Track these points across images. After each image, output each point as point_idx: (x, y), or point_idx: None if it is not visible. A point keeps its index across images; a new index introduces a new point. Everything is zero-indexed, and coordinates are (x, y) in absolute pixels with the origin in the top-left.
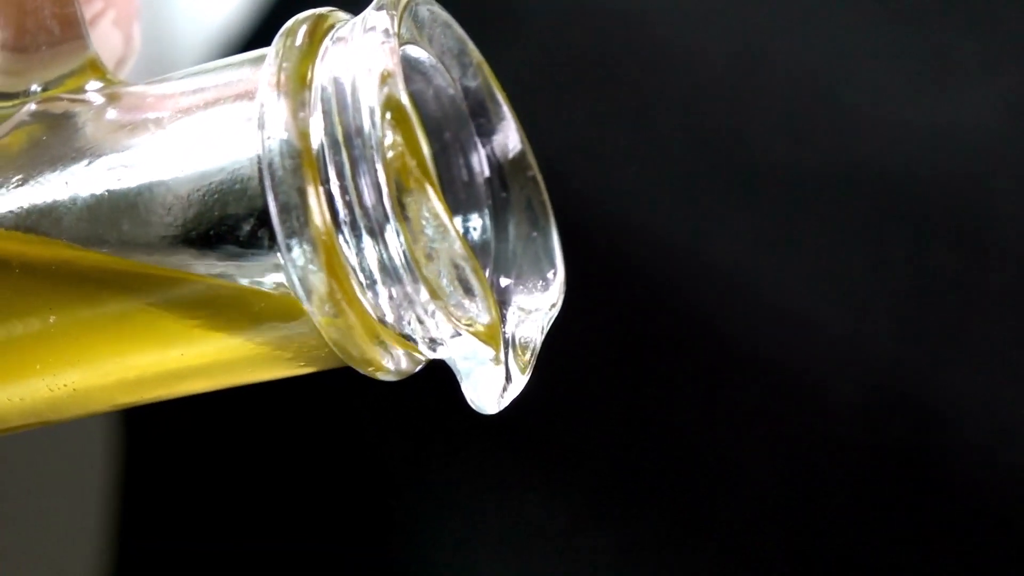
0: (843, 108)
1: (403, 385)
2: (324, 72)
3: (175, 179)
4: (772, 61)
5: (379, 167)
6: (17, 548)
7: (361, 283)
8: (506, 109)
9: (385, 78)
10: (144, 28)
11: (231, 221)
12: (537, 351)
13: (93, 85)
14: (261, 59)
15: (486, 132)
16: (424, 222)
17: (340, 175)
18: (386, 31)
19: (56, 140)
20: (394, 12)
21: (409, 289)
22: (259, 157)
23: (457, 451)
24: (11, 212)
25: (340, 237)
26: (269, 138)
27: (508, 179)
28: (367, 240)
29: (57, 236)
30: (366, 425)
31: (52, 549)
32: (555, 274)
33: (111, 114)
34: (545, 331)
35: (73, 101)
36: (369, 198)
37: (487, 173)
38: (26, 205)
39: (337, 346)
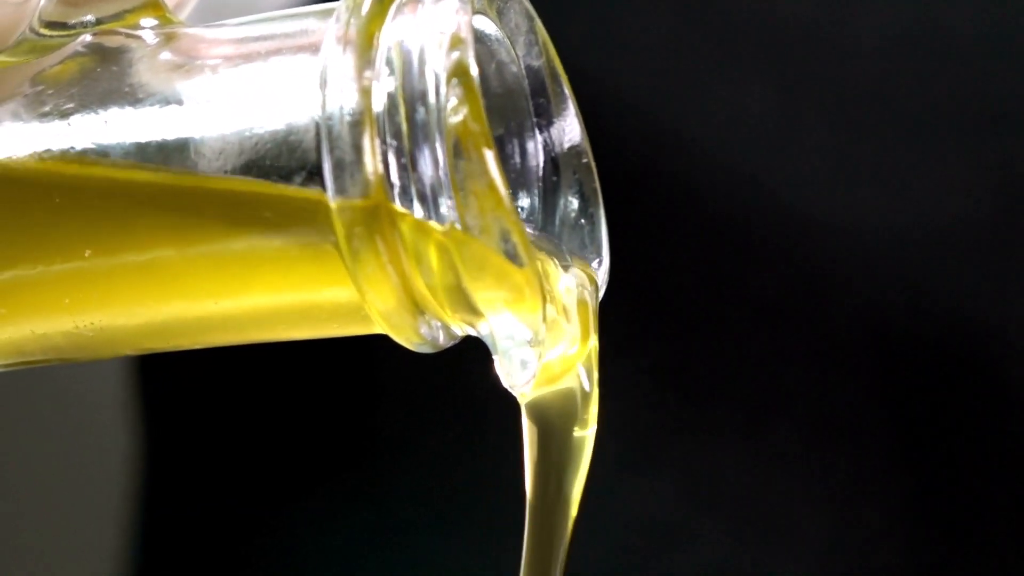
0: None
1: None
2: (393, 33)
3: (228, 124)
4: None
5: (439, 133)
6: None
7: (408, 248)
8: (567, 92)
9: (455, 43)
10: None
11: (283, 172)
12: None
13: (150, 22)
14: (328, 13)
15: (544, 113)
16: (478, 196)
17: (398, 137)
18: None
19: (108, 74)
20: None
21: None
22: (319, 111)
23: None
24: (57, 141)
25: (392, 197)
26: (330, 93)
27: (561, 163)
28: (417, 205)
29: (101, 170)
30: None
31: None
32: (600, 263)
33: (167, 53)
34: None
35: (129, 36)
36: (426, 163)
37: (541, 155)
38: (73, 135)
39: (375, 309)
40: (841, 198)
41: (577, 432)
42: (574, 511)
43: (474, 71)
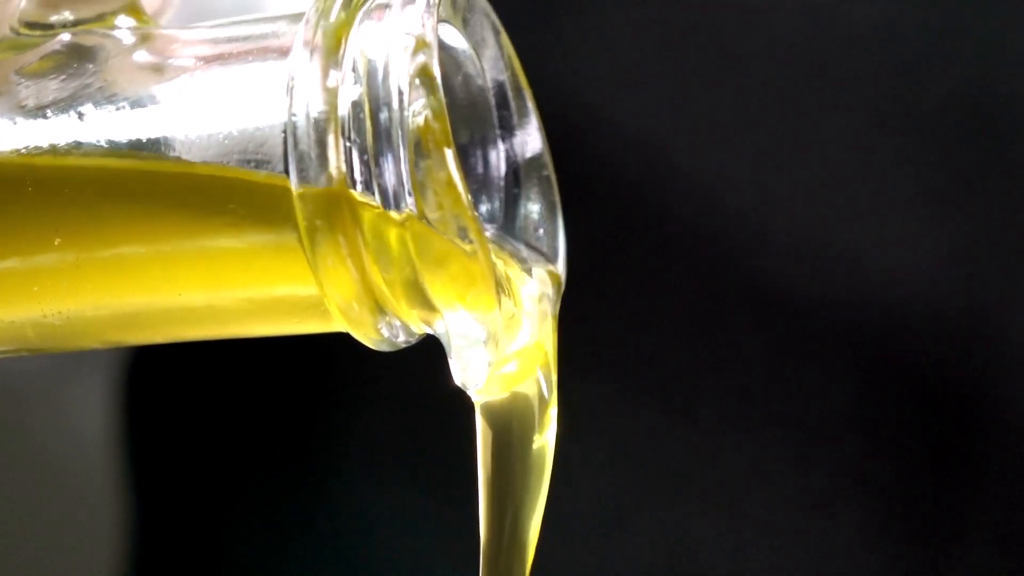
0: None
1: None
2: (360, 37)
3: (199, 121)
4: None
5: (402, 133)
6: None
7: (367, 243)
8: (531, 106)
9: (420, 47)
10: None
11: (250, 165)
12: None
13: (128, 23)
14: (298, 17)
15: (508, 126)
16: (438, 192)
17: (361, 136)
18: (428, 3)
19: (84, 71)
20: None
21: None
22: (286, 111)
23: None
24: (32, 134)
25: (354, 194)
26: (297, 95)
27: (523, 174)
28: (378, 200)
29: (74, 161)
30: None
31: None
32: (557, 271)
33: (143, 52)
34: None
35: (106, 36)
36: (388, 161)
37: (503, 166)
38: (48, 129)
39: (334, 303)
40: (818, 207)
41: (536, 441)
42: (532, 543)
43: (437, 73)
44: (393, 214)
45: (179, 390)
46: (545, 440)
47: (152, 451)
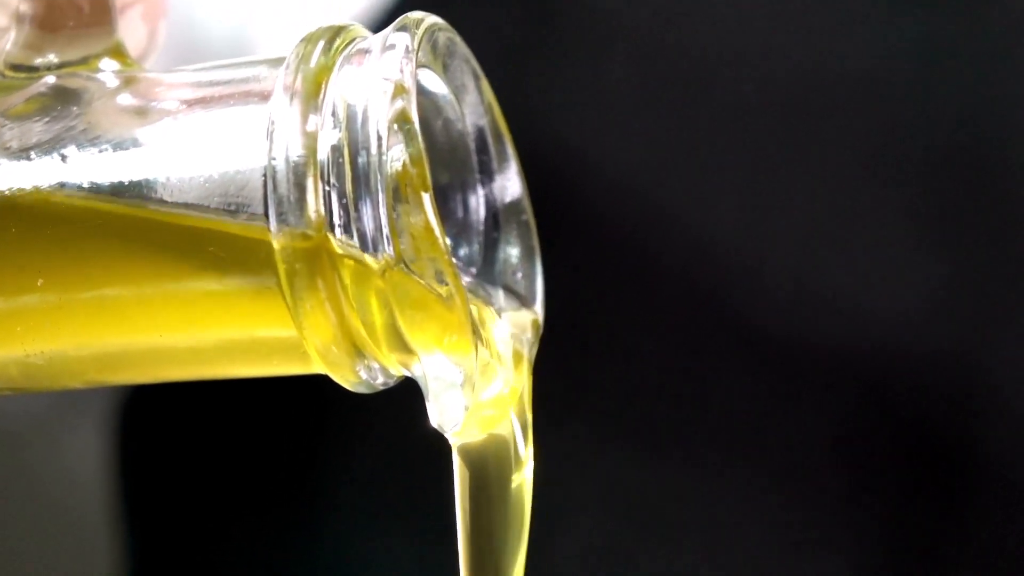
0: None
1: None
2: (340, 82)
3: (181, 164)
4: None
5: (380, 177)
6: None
7: (346, 287)
8: (510, 151)
9: (399, 92)
10: (171, 30)
11: (230, 209)
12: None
13: (112, 66)
14: (279, 62)
15: (487, 171)
16: (415, 236)
17: (340, 180)
18: (407, 48)
19: (67, 113)
20: (416, 31)
21: None
22: (266, 155)
23: None
24: (16, 175)
25: (332, 238)
26: (277, 140)
27: (502, 219)
28: (357, 244)
29: (58, 202)
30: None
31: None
32: (536, 315)
33: (126, 95)
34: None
35: (90, 79)
36: (366, 205)
37: (482, 211)
38: (32, 170)
39: (313, 346)
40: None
41: (515, 480)
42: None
43: (415, 118)
44: (371, 258)
45: (173, 431)
46: (523, 479)
47: (146, 492)
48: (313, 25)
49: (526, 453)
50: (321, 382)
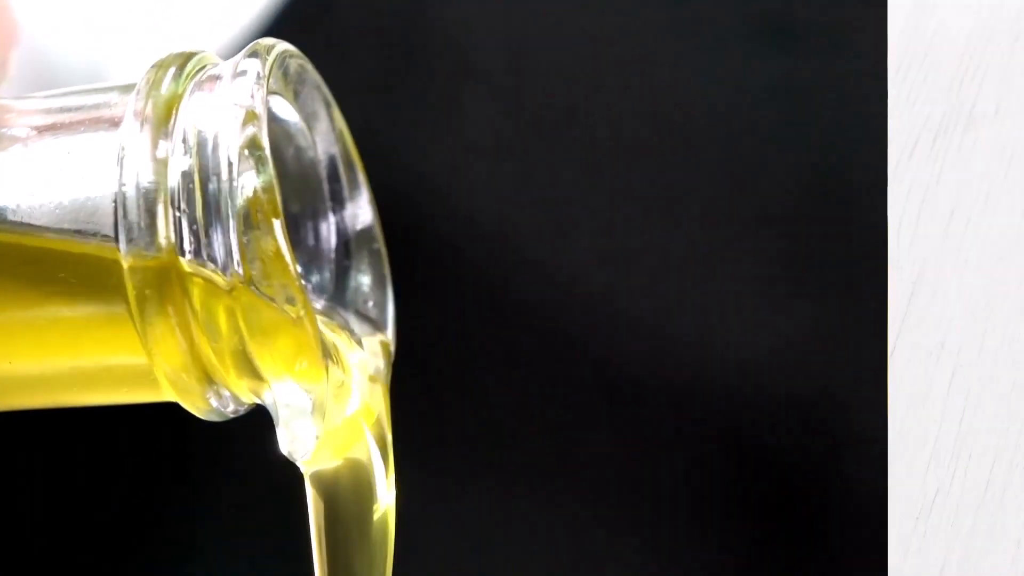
0: None
1: None
2: (191, 108)
3: (31, 191)
4: None
5: (231, 203)
6: None
7: (196, 312)
8: (362, 180)
9: (249, 119)
10: (23, 59)
11: (80, 235)
12: None
13: None
14: (130, 88)
15: (339, 199)
16: (265, 262)
17: (191, 206)
18: (258, 75)
19: None
20: (267, 57)
21: None
22: (116, 182)
23: None
24: None
25: (183, 263)
26: (127, 167)
27: (353, 247)
28: (207, 270)
29: None
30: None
31: None
32: (387, 343)
33: None
34: None
35: None
36: (216, 231)
37: (334, 239)
38: None
39: (162, 372)
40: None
41: (376, 511)
42: None
43: (266, 144)
44: (221, 284)
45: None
46: (386, 510)
47: None
48: (164, 52)
49: (388, 481)
50: (181, 412)
